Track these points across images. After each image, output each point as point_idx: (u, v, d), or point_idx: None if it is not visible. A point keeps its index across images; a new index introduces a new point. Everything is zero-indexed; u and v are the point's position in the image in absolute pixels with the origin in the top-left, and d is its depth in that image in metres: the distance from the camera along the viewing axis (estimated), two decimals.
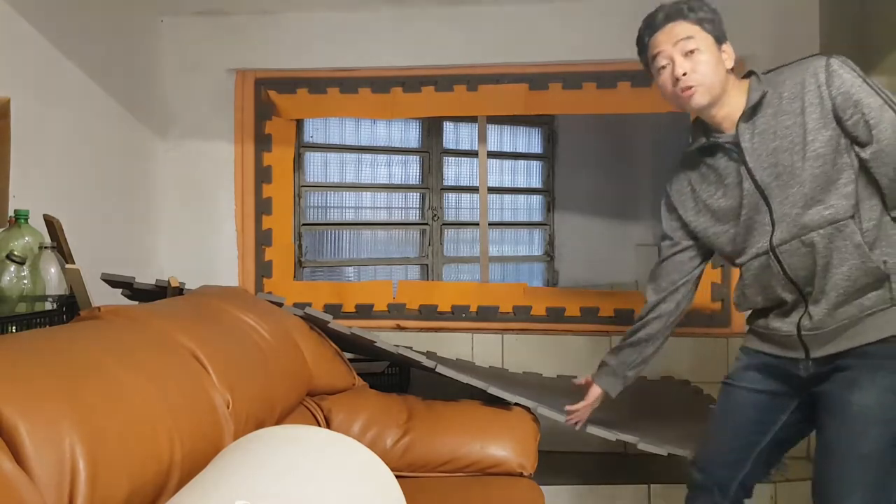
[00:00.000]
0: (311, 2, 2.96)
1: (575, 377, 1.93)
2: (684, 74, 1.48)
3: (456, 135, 3.87)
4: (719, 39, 1.52)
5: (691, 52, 1.48)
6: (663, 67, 1.51)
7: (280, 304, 1.94)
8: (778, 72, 1.52)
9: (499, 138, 4.11)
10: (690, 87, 1.48)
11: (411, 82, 3.08)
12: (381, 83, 3.09)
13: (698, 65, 1.48)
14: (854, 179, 1.41)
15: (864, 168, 1.41)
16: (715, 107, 1.52)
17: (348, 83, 3.10)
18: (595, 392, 1.81)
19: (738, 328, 3.01)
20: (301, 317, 1.97)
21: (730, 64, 1.53)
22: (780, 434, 1.59)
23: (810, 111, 1.43)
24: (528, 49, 2.95)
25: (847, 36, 2.40)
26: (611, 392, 1.78)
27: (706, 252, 1.67)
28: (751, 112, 1.50)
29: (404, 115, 3.32)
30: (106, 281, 2.14)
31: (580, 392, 1.85)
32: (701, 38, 1.49)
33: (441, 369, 2.01)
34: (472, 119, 3.51)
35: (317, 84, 3.11)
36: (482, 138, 3.27)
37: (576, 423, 1.87)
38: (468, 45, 2.97)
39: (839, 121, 1.41)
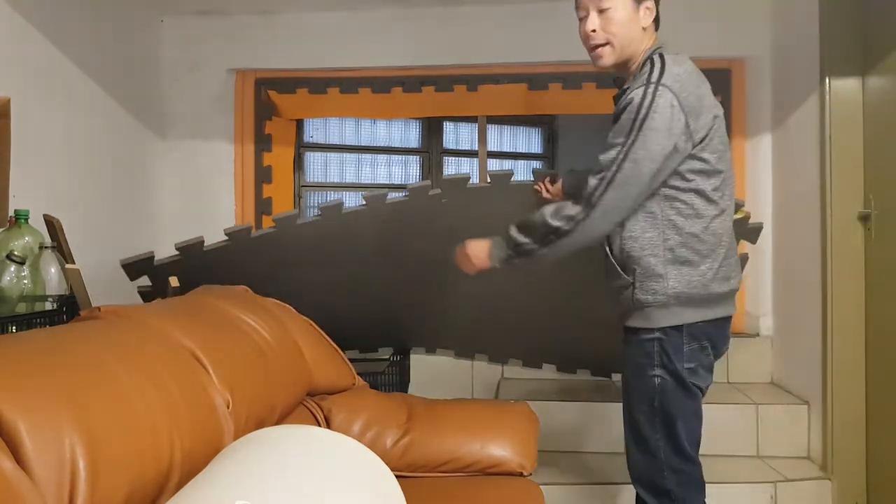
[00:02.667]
0: (311, 2, 2.96)
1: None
2: (593, 31, 1.56)
3: (456, 135, 3.87)
4: None
5: (606, 9, 1.54)
6: (581, 19, 1.59)
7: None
8: (659, 64, 1.51)
9: (499, 138, 4.12)
10: (597, 48, 1.57)
11: (411, 82, 3.09)
12: (381, 83, 3.10)
13: (609, 23, 1.54)
14: None
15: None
16: (624, 66, 1.59)
17: (348, 83, 3.10)
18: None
19: (737, 328, 3.01)
20: (179, 250, 2.11)
21: (647, 22, 1.57)
22: None
23: (614, 117, 1.54)
24: (528, 49, 2.96)
25: (847, 36, 2.39)
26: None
27: None
28: (621, 91, 1.59)
29: (404, 115, 3.32)
30: (124, 267, 2.14)
31: None
32: None
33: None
34: (472, 119, 3.52)
35: (317, 84, 3.12)
36: (482, 138, 3.27)
37: None
38: (468, 45, 2.97)
39: None
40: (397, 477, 1.13)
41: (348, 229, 2.21)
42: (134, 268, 2.21)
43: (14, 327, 1.58)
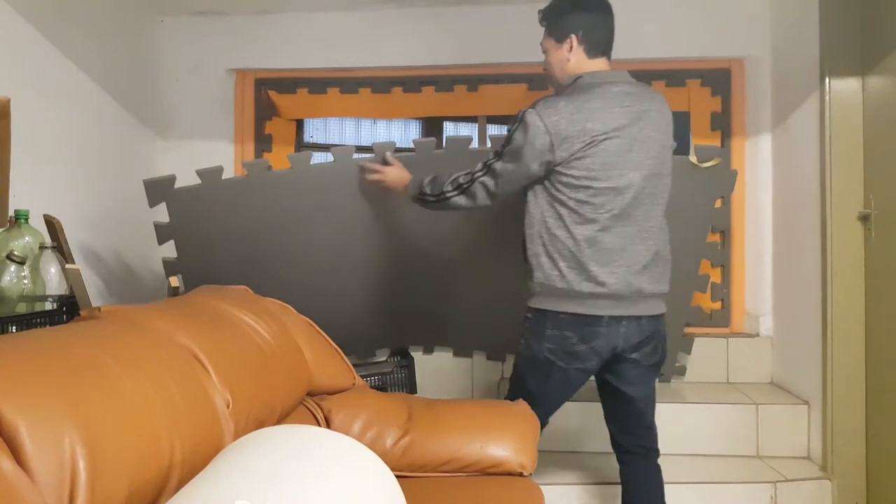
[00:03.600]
0: (311, 2, 2.96)
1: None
2: (544, 69, 2.00)
3: (456, 135, 3.87)
4: (559, 39, 1.91)
5: (543, 51, 1.97)
6: None
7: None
8: (555, 91, 1.95)
9: None
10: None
11: (411, 82, 3.09)
12: (381, 83, 3.10)
13: (546, 64, 1.98)
14: (524, 197, 1.87)
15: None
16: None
17: (348, 83, 3.10)
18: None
19: (737, 328, 3.01)
20: (199, 175, 2.25)
21: (570, 55, 1.90)
22: None
23: None
24: (528, 49, 2.94)
25: (847, 36, 2.39)
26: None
27: None
28: None
29: (404, 115, 3.32)
30: (147, 186, 2.25)
31: None
32: (546, 43, 1.96)
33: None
34: (472, 119, 3.51)
35: (317, 84, 3.12)
36: (482, 138, 3.27)
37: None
38: (468, 45, 2.97)
39: None
40: (397, 477, 1.13)
41: (358, 180, 2.31)
42: (156, 188, 2.27)
43: (14, 327, 1.58)
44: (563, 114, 1.75)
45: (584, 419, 2.60)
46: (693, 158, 2.44)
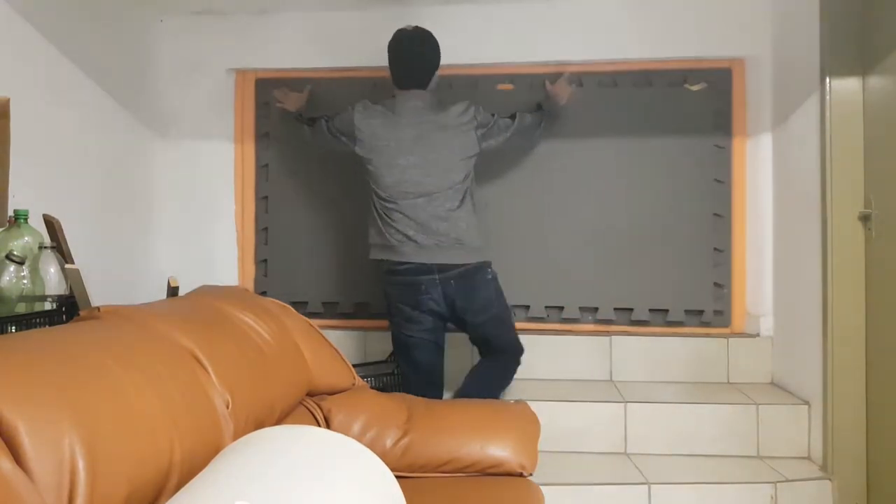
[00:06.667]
0: (310, 2, 2.96)
1: None
2: None
3: None
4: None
5: None
6: None
7: None
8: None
9: None
10: None
11: None
12: (381, 83, 3.09)
13: None
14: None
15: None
16: None
17: (348, 83, 3.09)
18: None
19: (738, 328, 3.01)
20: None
21: None
22: None
23: None
24: (528, 49, 2.95)
25: (847, 36, 2.39)
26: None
27: None
28: None
29: None
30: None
31: None
32: None
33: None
34: None
35: (317, 84, 3.11)
36: None
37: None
38: (468, 45, 2.96)
39: None
40: (397, 477, 1.13)
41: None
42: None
43: (13, 327, 1.57)
44: (368, 118, 2.44)
45: (584, 419, 2.60)
46: (688, 86, 2.87)
